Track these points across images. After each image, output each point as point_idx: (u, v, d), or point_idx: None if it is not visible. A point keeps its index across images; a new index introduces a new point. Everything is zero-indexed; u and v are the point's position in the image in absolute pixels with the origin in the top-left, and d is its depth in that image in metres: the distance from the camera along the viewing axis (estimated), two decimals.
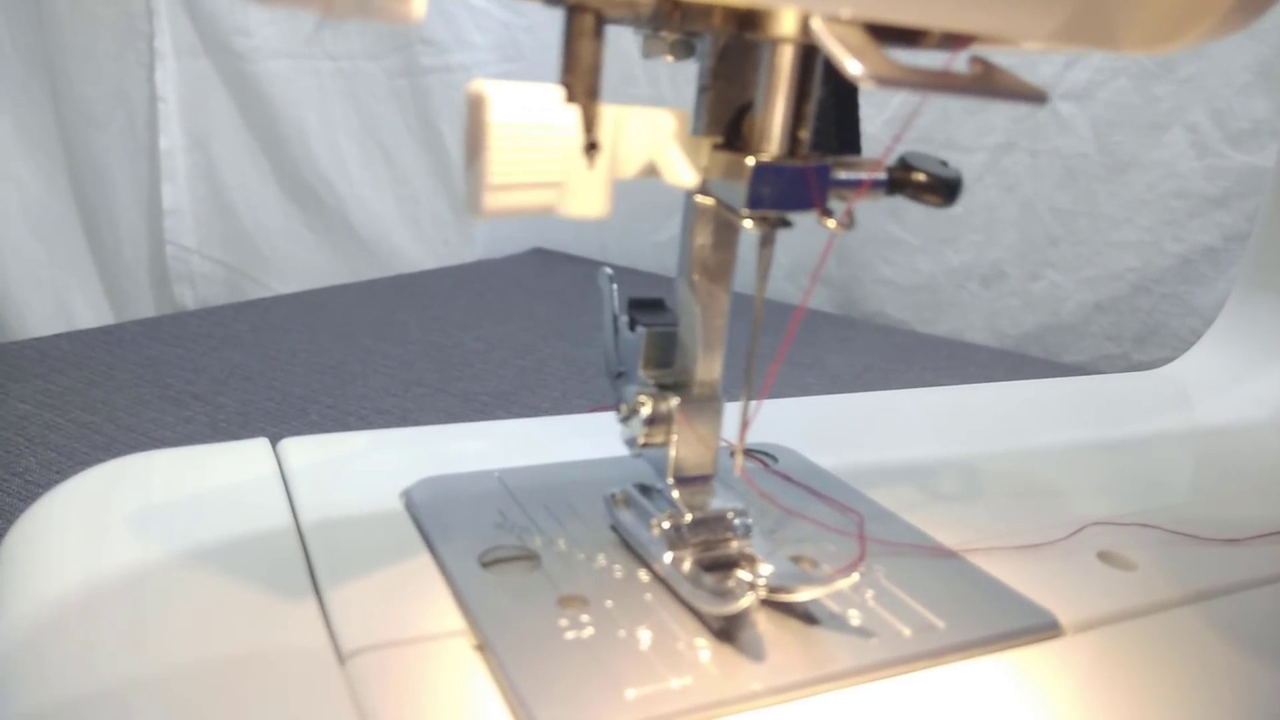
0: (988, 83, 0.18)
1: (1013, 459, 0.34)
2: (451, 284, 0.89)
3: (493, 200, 0.17)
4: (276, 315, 0.77)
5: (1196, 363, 0.45)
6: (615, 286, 0.26)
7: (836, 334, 0.81)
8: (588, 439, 0.31)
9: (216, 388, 0.62)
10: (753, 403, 0.23)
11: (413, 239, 0.98)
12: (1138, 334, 0.78)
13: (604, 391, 0.68)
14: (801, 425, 0.34)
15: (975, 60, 0.18)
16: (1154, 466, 0.35)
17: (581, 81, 0.18)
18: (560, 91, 0.18)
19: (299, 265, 0.99)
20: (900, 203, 0.23)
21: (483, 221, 1.00)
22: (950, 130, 0.78)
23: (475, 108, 0.17)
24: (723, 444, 0.26)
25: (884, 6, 0.16)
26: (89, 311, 1.02)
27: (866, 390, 0.69)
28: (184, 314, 0.79)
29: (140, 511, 0.25)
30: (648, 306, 0.26)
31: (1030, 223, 0.80)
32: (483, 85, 0.17)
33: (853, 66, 0.16)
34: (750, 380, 0.24)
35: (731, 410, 0.25)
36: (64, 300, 1.01)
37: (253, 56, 0.95)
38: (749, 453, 0.32)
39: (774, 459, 0.31)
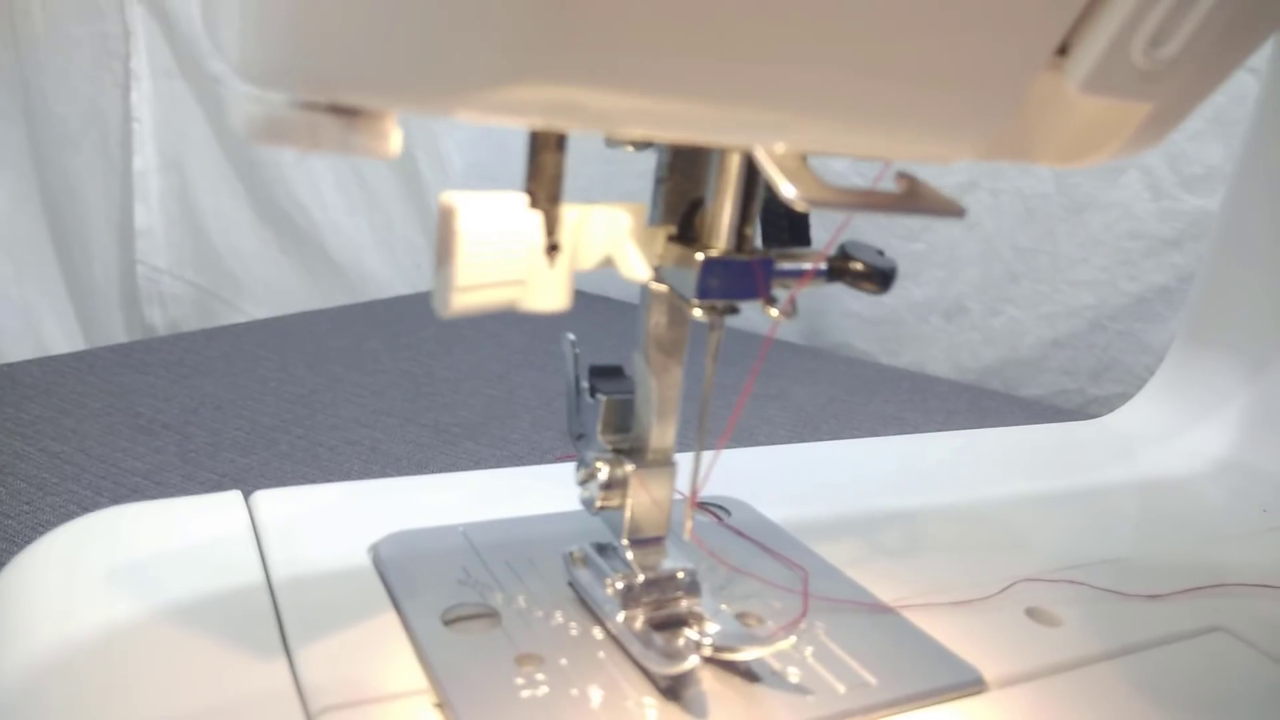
0: (912, 201, 0.19)
1: (953, 512, 0.36)
2: (423, 310, 0.90)
3: (460, 300, 0.19)
4: (248, 342, 0.77)
5: (1136, 414, 0.47)
6: (578, 353, 0.28)
7: (802, 365, 0.83)
8: (551, 491, 0.32)
9: (186, 417, 0.62)
10: (708, 456, 0.25)
11: (385, 263, 0.99)
12: (1093, 369, 0.81)
13: None
14: (754, 477, 0.35)
15: (901, 177, 0.20)
16: (1090, 520, 0.37)
17: (544, 189, 0.20)
18: (524, 199, 0.20)
19: (271, 288, 1.00)
20: (868, 237, 0.24)
21: None
22: (913, 169, 0.80)
23: (445, 218, 0.18)
24: (677, 497, 0.27)
25: (818, 142, 0.18)
26: (57, 330, 1.02)
27: (831, 421, 0.71)
28: (155, 340, 0.80)
29: (115, 569, 0.26)
30: (608, 374, 0.27)
31: (991, 260, 0.83)
32: (453, 197, 0.18)
33: (787, 190, 0.18)
34: (700, 447, 0.26)
35: (687, 461, 0.26)
36: (32, 318, 1.01)
37: (229, 80, 0.96)
38: (702, 505, 0.33)
39: (727, 512, 0.33)
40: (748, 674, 0.24)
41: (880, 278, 0.24)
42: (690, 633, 0.25)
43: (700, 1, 0.14)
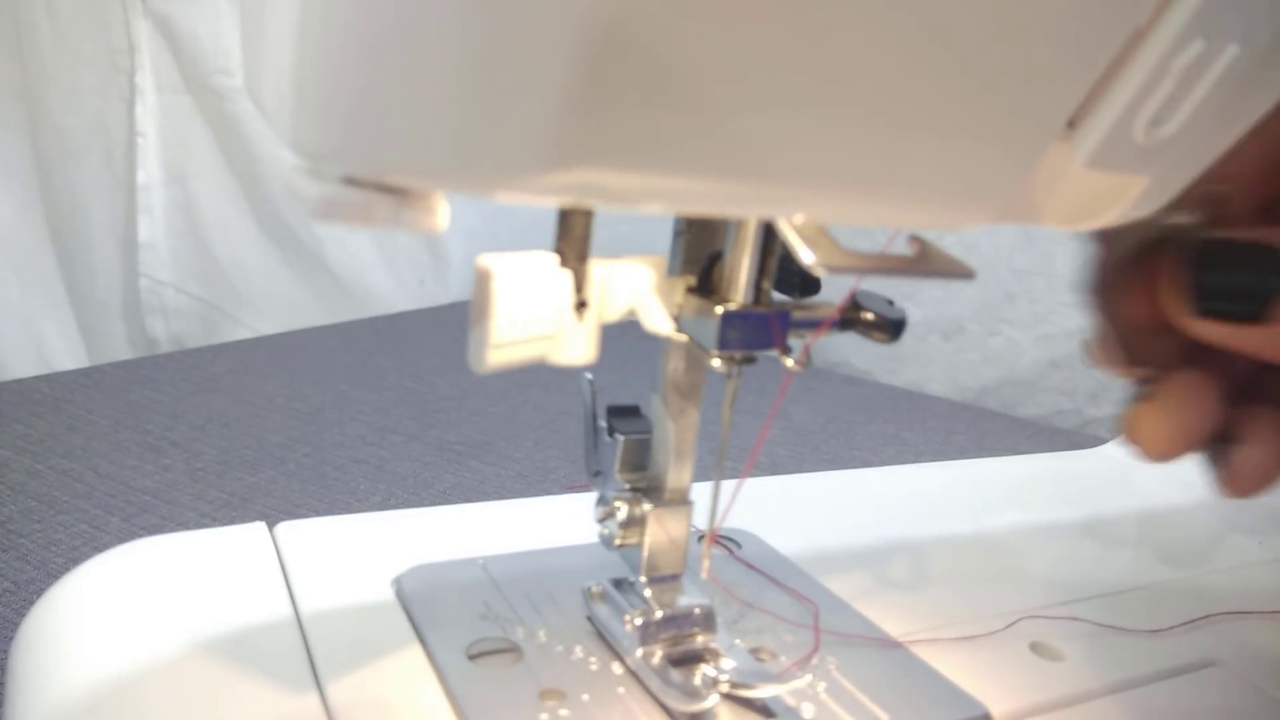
0: (923, 264, 0.20)
1: (957, 543, 0.37)
2: (427, 326, 0.91)
3: (494, 356, 0.20)
4: (254, 358, 0.78)
5: None
6: (595, 392, 0.29)
7: (802, 384, 0.84)
8: (567, 522, 0.33)
9: (195, 434, 0.63)
10: (723, 499, 0.26)
11: (389, 279, 1.00)
12: (1091, 390, 0.82)
13: (576, 443, 0.70)
14: (762, 507, 0.36)
15: (913, 240, 0.21)
16: (1089, 550, 0.38)
17: (574, 249, 0.21)
18: (554, 258, 0.21)
19: (274, 302, 1.01)
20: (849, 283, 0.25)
21: (458, 263, 1.02)
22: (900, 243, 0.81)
23: (482, 280, 0.19)
24: (693, 530, 0.28)
25: (836, 214, 0.19)
26: (59, 341, 1.02)
27: (830, 441, 0.72)
28: (162, 356, 0.80)
29: (145, 604, 0.27)
30: (625, 414, 0.28)
31: (989, 281, 0.84)
32: (488, 260, 0.19)
33: (806, 256, 0.19)
34: (718, 489, 0.27)
35: (704, 491, 0.27)
36: (35, 332, 1.01)
37: (233, 95, 0.96)
38: (715, 539, 0.34)
39: (738, 545, 0.34)
40: (764, 710, 0.25)
41: (891, 327, 0.25)
42: (707, 669, 0.26)
43: (723, 94, 0.15)
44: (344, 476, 0.59)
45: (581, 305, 0.21)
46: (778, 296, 0.25)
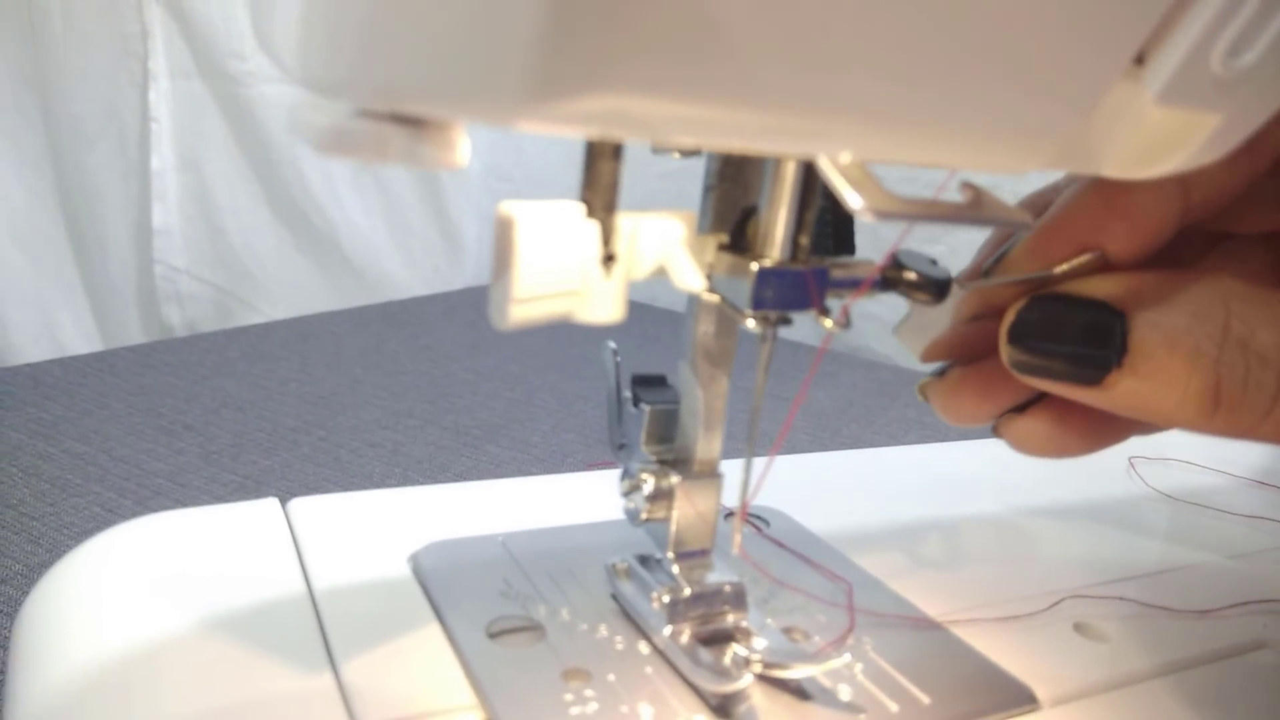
0: (977, 210, 0.19)
1: (994, 523, 0.36)
2: (442, 311, 0.90)
3: (517, 312, 0.18)
4: (268, 342, 0.77)
5: None
6: (619, 361, 0.27)
7: (822, 368, 0.83)
8: (587, 499, 0.32)
9: (208, 418, 0.62)
10: (754, 475, 0.25)
11: (403, 264, 0.99)
12: None
13: (592, 427, 0.69)
14: (792, 485, 0.35)
15: (966, 186, 0.20)
16: (1130, 530, 0.37)
17: (600, 198, 0.20)
18: (580, 208, 0.19)
19: (288, 288, 1.00)
20: (884, 241, 0.24)
21: (472, 248, 1.01)
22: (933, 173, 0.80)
23: (503, 229, 0.18)
24: (721, 509, 0.27)
25: (884, 150, 0.17)
26: (74, 328, 1.02)
27: (851, 425, 0.70)
28: (176, 340, 0.80)
29: (154, 579, 0.26)
30: (651, 383, 0.27)
31: None
32: (510, 207, 0.18)
33: (853, 200, 0.18)
34: (751, 457, 0.25)
35: (730, 468, 0.26)
36: (50, 318, 1.01)
37: (247, 80, 0.96)
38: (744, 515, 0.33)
39: (766, 523, 0.32)
40: (799, 692, 0.24)
41: (935, 287, 0.23)
42: (739, 648, 0.24)
43: (762, 11, 0.14)
44: (358, 460, 0.58)
45: (609, 259, 0.20)
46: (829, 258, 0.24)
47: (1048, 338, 0.23)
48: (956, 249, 0.83)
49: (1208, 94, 0.18)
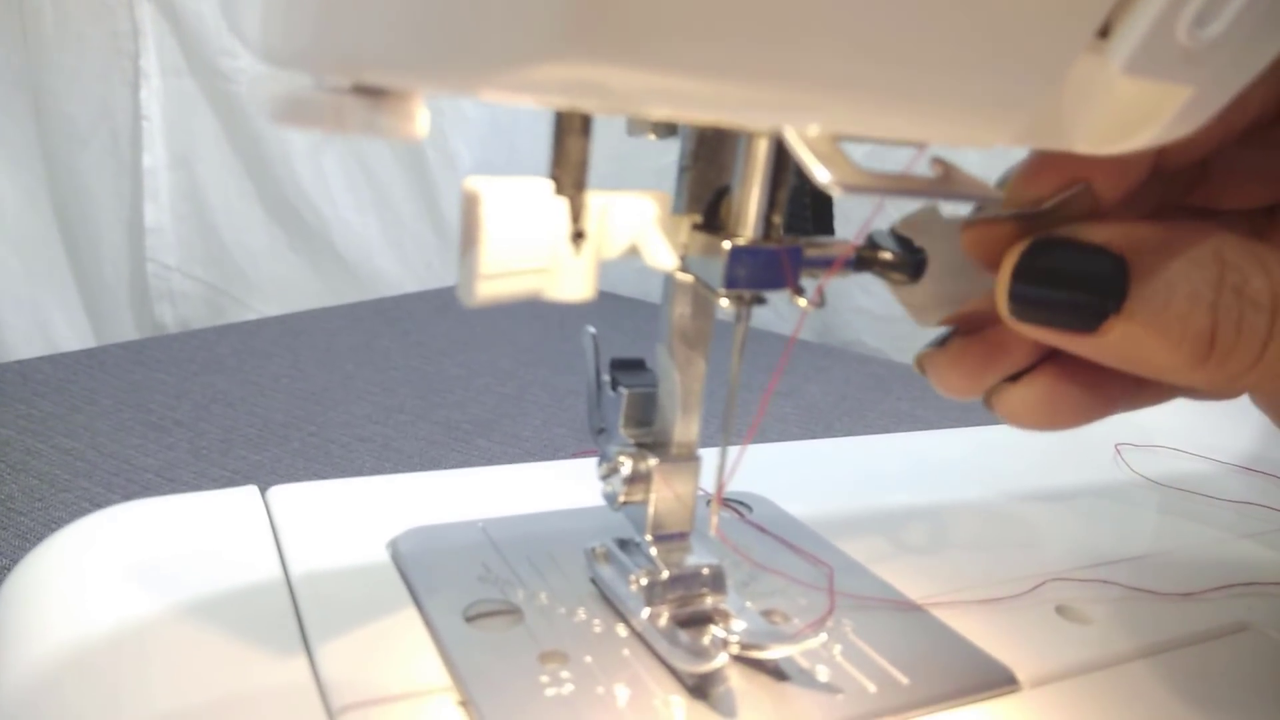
0: (947, 185, 0.19)
1: (979, 508, 0.36)
2: (433, 308, 0.90)
3: (484, 288, 0.18)
4: (259, 339, 0.77)
5: (1156, 409, 0.46)
6: (597, 345, 0.27)
7: (814, 363, 0.83)
8: (570, 486, 0.32)
9: (198, 414, 0.62)
10: (732, 456, 0.24)
11: (395, 261, 0.99)
12: None
13: (584, 421, 0.69)
14: (774, 472, 0.35)
15: (936, 161, 0.20)
16: (1116, 516, 0.37)
17: (569, 175, 0.19)
18: (549, 184, 0.19)
19: (281, 286, 1.00)
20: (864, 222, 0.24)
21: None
22: (922, 165, 0.80)
23: (469, 204, 0.18)
24: (701, 493, 0.27)
25: (851, 123, 0.17)
26: (67, 328, 1.02)
27: (843, 418, 0.70)
28: (166, 337, 0.80)
29: (131, 565, 0.26)
30: (629, 367, 0.27)
31: None
32: (476, 182, 0.18)
33: (821, 174, 0.17)
34: (727, 439, 0.25)
35: (711, 456, 0.26)
36: (43, 317, 1.01)
37: (238, 77, 0.95)
38: (724, 501, 0.33)
39: (749, 508, 0.32)
40: (776, 672, 0.24)
41: (910, 268, 0.23)
42: (717, 630, 0.24)
43: None
44: (348, 454, 0.58)
45: (579, 236, 0.20)
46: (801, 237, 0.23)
47: (1048, 282, 0.23)
48: None
49: (1176, 66, 0.18)
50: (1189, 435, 0.44)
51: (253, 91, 0.19)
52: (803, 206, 0.23)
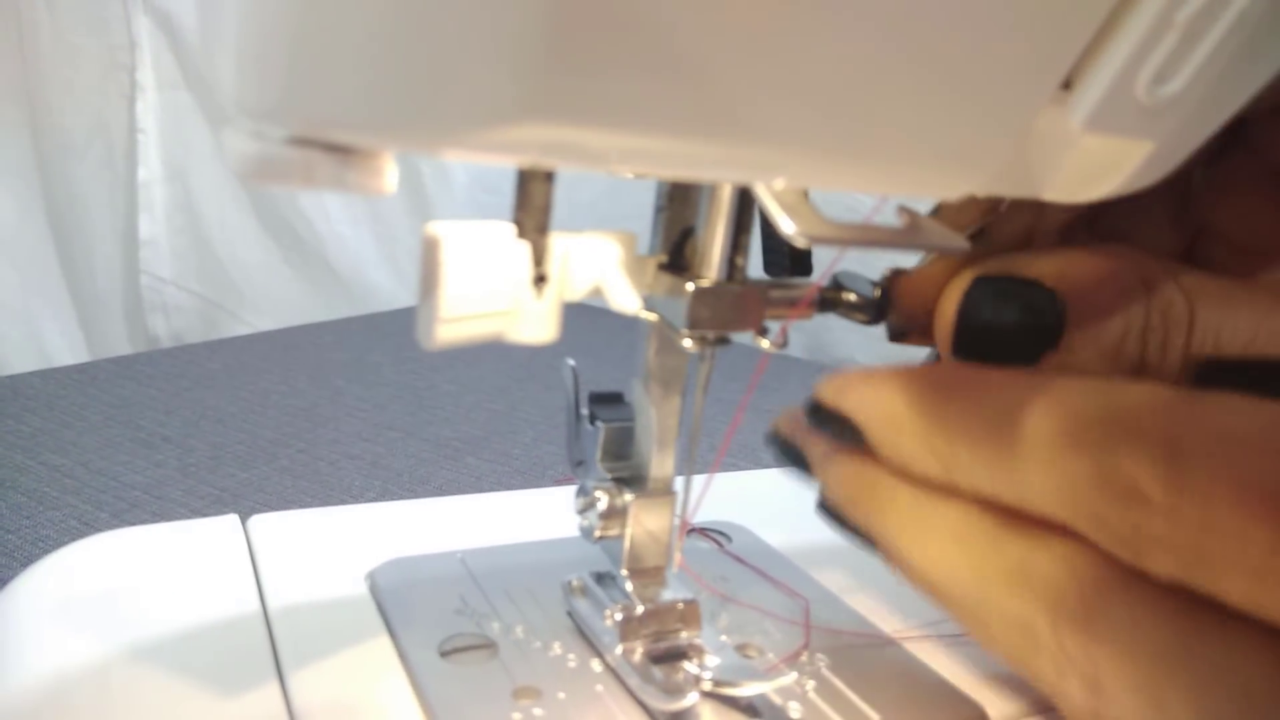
0: (913, 235, 0.19)
1: None
2: None
3: (445, 332, 0.19)
4: (250, 354, 0.77)
5: None
6: (577, 378, 0.28)
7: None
8: (550, 515, 0.32)
9: (188, 430, 0.62)
10: (699, 482, 0.25)
11: (389, 275, 0.99)
12: None
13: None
14: (754, 500, 0.35)
15: (903, 210, 0.20)
16: None
17: (533, 219, 0.20)
18: (512, 229, 0.20)
19: (274, 299, 1.00)
20: (866, 255, 0.24)
21: None
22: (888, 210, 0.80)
23: (430, 249, 0.18)
24: (677, 520, 0.27)
25: (818, 178, 0.18)
26: (60, 339, 1.02)
27: None
28: (157, 352, 0.80)
29: (109, 596, 0.26)
30: (608, 401, 0.27)
31: None
32: (437, 228, 0.18)
33: (786, 225, 0.18)
34: (690, 478, 0.25)
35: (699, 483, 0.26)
36: (36, 328, 1.01)
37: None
38: (702, 531, 0.33)
39: (728, 538, 0.33)
40: (749, 709, 0.24)
41: (873, 309, 0.24)
42: (690, 666, 0.24)
43: (697, 41, 0.14)
44: (338, 472, 0.58)
45: (540, 280, 0.20)
46: (767, 279, 0.24)
47: (990, 318, 0.23)
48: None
49: (1135, 122, 0.18)
50: None
51: (224, 144, 0.19)
52: (780, 249, 0.23)
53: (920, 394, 0.21)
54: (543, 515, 0.33)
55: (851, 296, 0.23)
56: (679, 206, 0.24)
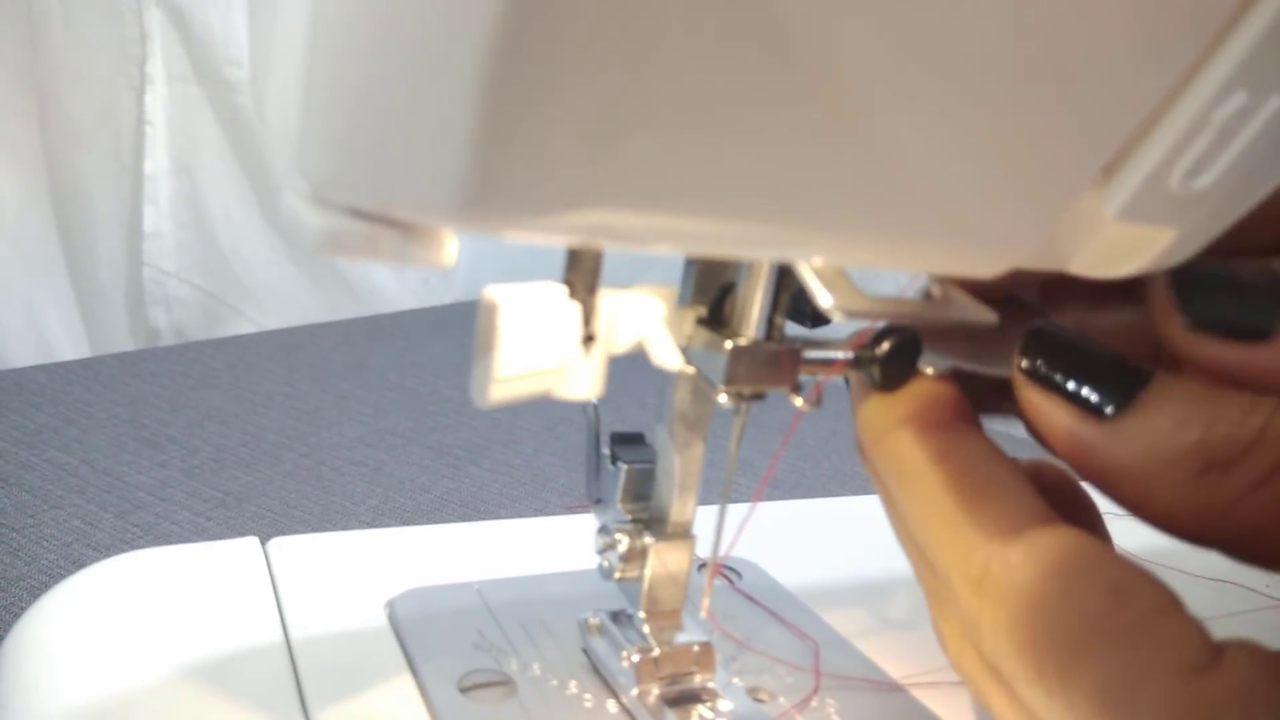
0: (945, 309, 0.20)
1: None
2: (429, 326, 0.90)
3: (498, 391, 0.19)
4: (255, 354, 0.78)
5: None
6: (599, 417, 0.28)
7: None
8: (565, 545, 0.33)
9: (192, 430, 0.62)
10: (728, 532, 0.25)
11: (393, 277, 0.99)
12: None
13: (575, 451, 0.69)
14: (767, 534, 0.35)
15: (935, 280, 0.20)
16: None
17: (583, 280, 0.20)
18: (563, 289, 0.20)
19: (277, 296, 1.00)
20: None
21: (462, 263, 1.02)
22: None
23: (487, 313, 0.19)
24: (695, 559, 0.27)
25: (859, 257, 0.18)
26: (61, 328, 1.02)
27: (832, 456, 0.71)
28: (163, 349, 0.80)
29: (132, 622, 0.26)
30: (629, 441, 0.28)
31: None
32: (494, 292, 0.19)
33: (824, 299, 0.18)
34: (721, 526, 0.26)
35: (705, 515, 0.26)
36: (37, 318, 1.01)
37: (243, 87, 0.96)
38: (718, 570, 0.33)
39: (739, 575, 0.33)
40: None
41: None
42: (704, 710, 0.25)
43: (745, 130, 0.15)
44: (340, 479, 0.58)
45: (589, 339, 0.20)
46: (791, 327, 0.24)
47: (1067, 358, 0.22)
48: None
49: (1163, 211, 0.18)
50: None
51: (292, 211, 0.20)
52: (804, 301, 0.24)
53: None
54: (556, 544, 0.33)
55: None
56: (710, 261, 0.24)
